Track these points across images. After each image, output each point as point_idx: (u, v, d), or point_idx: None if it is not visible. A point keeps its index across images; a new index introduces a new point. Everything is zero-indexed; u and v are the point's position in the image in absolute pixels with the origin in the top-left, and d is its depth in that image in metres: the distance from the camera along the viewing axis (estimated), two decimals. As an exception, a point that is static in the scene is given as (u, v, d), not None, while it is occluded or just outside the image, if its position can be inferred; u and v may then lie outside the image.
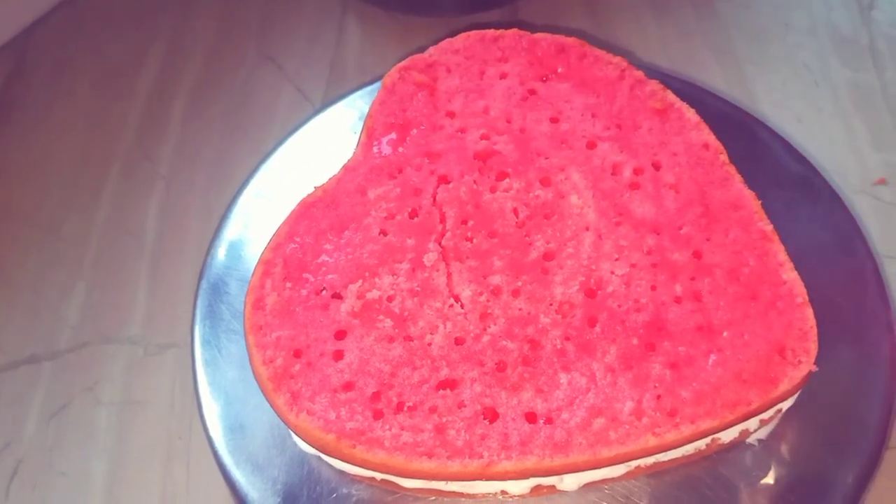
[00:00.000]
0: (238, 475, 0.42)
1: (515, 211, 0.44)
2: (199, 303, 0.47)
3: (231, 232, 0.49)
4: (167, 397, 0.53)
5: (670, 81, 0.50)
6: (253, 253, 0.48)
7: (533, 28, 0.52)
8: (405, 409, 0.39)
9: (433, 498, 0.41)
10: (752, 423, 0.40)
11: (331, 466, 0.41)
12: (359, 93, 0.56)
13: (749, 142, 0.51)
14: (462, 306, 0.41)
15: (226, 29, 0.76)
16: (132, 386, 0.54)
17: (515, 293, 0.41)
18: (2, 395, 0.54)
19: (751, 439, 0.41)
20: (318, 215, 0.44)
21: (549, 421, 0.38)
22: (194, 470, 0.50)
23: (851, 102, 0.69)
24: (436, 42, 0.52)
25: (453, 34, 0.52)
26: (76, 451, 0.52)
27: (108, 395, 0.54)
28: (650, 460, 0.39)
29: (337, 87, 0.70)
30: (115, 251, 0.61)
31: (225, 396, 0.44)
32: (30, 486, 0.51)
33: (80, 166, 0.66)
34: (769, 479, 0.41)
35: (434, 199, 0.44)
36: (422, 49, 0.51)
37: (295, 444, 0.42)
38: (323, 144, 0.53)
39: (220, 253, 0.49)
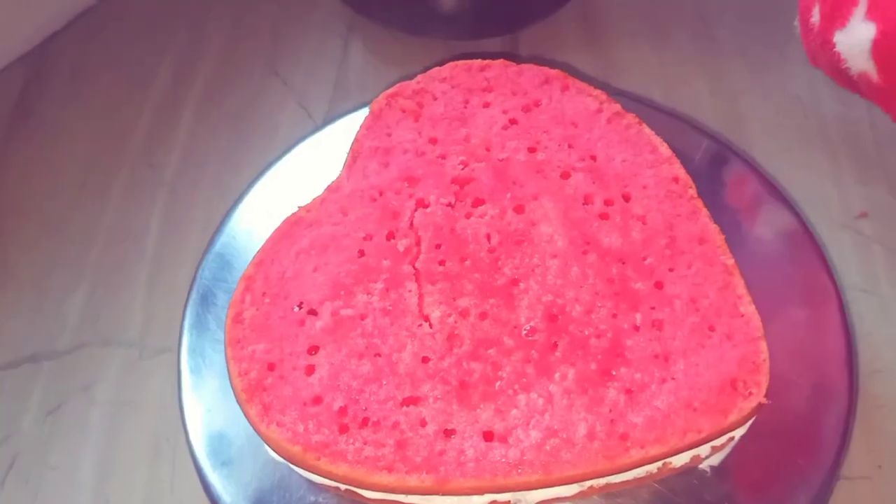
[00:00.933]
0: (213, 478, 0.44)
1: (488, 236, 0.46)
2: (189, 312, 0.50)
3: (222, 245, 0.52)
4: (157, 401, 0.55)
5: (650, 111, 0.52)
6: (241, 266, 0.50)
7: (522, 59, 0.54)
8: (369, 424, 0.41)
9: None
10: (703, 450, 0.42)
11: (301, 475, 0.43)
12: (356, 114, 0.58)
13: (723, 172, 0.53)
14: (431, 326, 0.43)
15: (235, 44, 0.78)
16: (125, 388, 0.56)
17: (482, 316, 0.43)
18: (2, 392, 0.57)
19: (703, 465, 0.43)
20: (300, 234, 0.47)
21: (503, 440, 0.40)
22: (179, 471, 0.52)
23: (839, 136, 0.70)
24: (428, 68, 0.54)
25: (448, 60, 0.54)
26: (69, 448, 0.54)
27: (103, 396, 0.56)
28: (602, 481, 0.41)
29: (340, 104, 0.72)
30: (117, 255, 0.63)
31: (206, 404, 0.46)
32: (24, 479, 0.53)
33: (89, 171, 0.69)
34: (721, 504, 0.42)
35: (411, 223, 0.47)
36: (411, 76, 0.53)
37: (268, 453, 0.44)
38: (316, 164, 0.55)
39: (211, 265, 0.51)
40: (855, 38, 0.54)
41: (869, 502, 0.49)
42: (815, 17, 0.58)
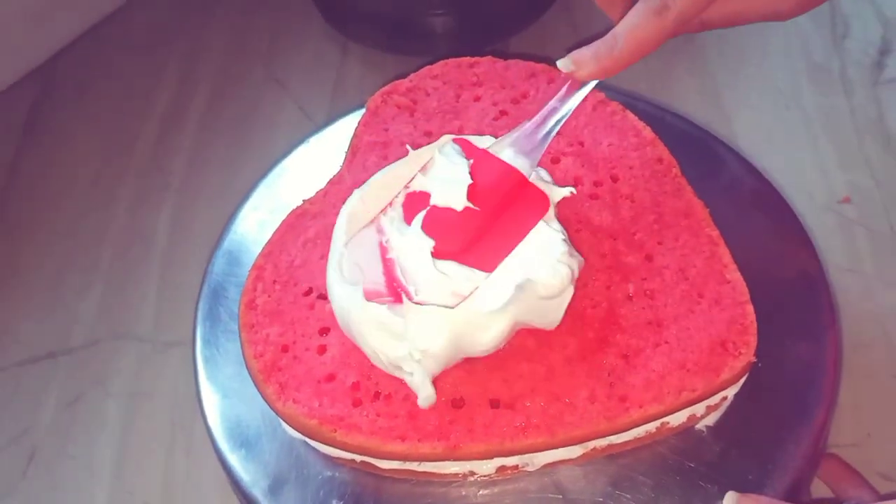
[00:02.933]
0: (233, 460, 0.46)
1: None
2: (201, 305, 0.52)
3: (230, 242, 0.54)
4: (171, 391, 0.57)
5: (634, 102, 0.55)
6: (250, 261, 0.52)
7: (509, 56, 0.57)
8: (381, 397, 0.43)
9: (410, 479, 0.45)
10: (699, 409, 0.44)
11: (317, 451, 0.45)
12: (353, 115, 0.60)
13: (705, 156, 0.55)
14: (437, 304, 0.45)
15: (235, 53, 0.81)
16: (140, 380, 0.59)
17: (483, 294, 0.45)
18: (21, 387, 0.59)
19: (700, 425, 0.45)
20: (305, 225, 0.49)
21: (510, 406, 0.42)
22: (194, 458, 0.54)
23: (820, 125, 0.73)
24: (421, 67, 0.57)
25: (438, 60, 0.57)
26: (87, 439, 0.57)
27: (118, 388, 0.58)
28: (604, 442, 0.43)
29: (339, 108, 0.75)
30: (127, 255, 0.66)
31: (222, 390, 0.48)
32: (44, 469, 0.55)
33: (98, 177, 0.72)
34: (718, 462, 0.44)
35: (410, 210, 0.49)
36: (405, 75, 0.56)
37: (284, 432, 0.46)
38: (315, 163, 0.57)
39: (221, 261, 0.53)
40: None
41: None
42: None
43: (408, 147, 0.48)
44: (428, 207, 0.43)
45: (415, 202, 0.44)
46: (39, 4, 0.78)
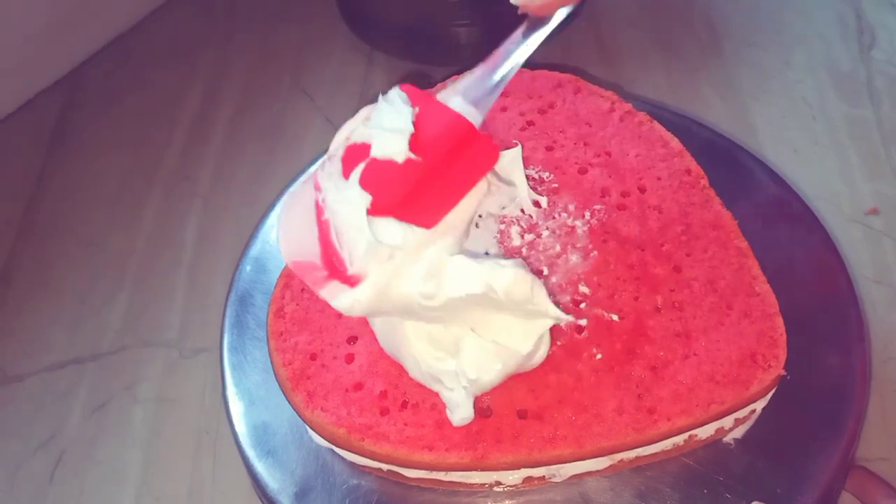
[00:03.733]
0: (260, 467, 0.46)
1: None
2: (228, 313, 0.52)
3: (256, 250, 0.54)
4: (198, 397, 0.58)
5: (661, 113, 0.55)
6: (277, 269, 0.52)
7: (535, 66, 0.57)
8: (409, 406, 0.43)
9: (436, 489, 0.45)
10: (727, 422, 0.44)
11: (343, 459, 0.45)
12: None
13: (733, 167, 0.55)
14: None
15: (262, 63, 0.82)
16: (166, 386, 0.59)
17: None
18: (49, 392, 0.60)
19: (728, 438, 0.45)
20: (334, 234, 0.49)
21: (537, 417, 0.42)
22: (220, 463, 0.55)
23: (847, 135, 0.73)
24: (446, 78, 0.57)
25: (464, 70, 0.57)
26: (114, 443, 0.57)
27: (145, 394, 0.59)
28: (632, 454, 0.43)
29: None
30: (155, 263, 0.67)
31: (249, 397, 0.48)
32: (71, 473, 0.56)
33: (126, 187, 0.72)
34: (746, 475, 0.44)
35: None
36: (431, 86, 0.56)
37: (311, 440, 0.46)
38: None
39: (247, 269, 0.54)
40: None
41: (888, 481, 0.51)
42: None
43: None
44: (367, 160, 0.39)
45: (355, 155, 0.40)
46: (66, 14, 0.79)
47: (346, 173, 0.39)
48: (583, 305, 0.45)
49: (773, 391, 0.44)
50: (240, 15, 0.87)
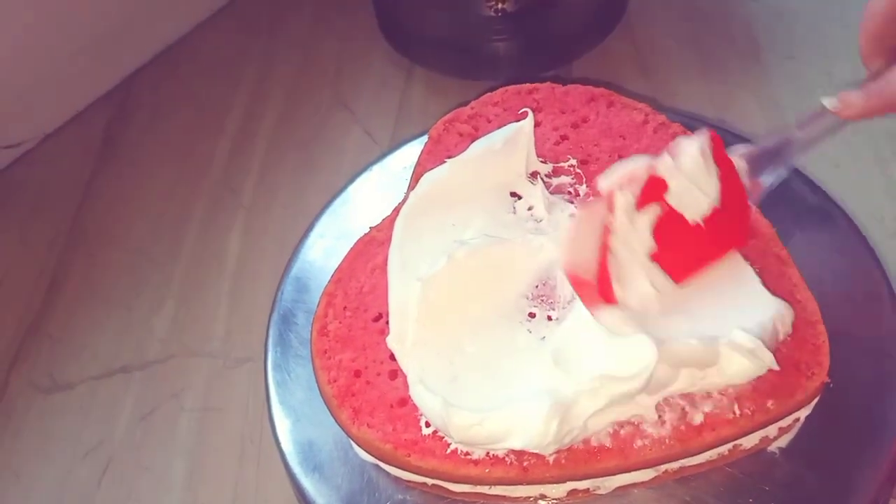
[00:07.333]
0: (306, 483, 0.47)
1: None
2: (271, 332, 0.53)
3: (298, 269, 0.55)
4: (242, 406, 0.59)
5: (696, 124, 0.55)
6: (318, 287, 0.53)
7: (568, 81, 0.57)
8: (453, 421, 0.43)
9: (480, 502, 0.45)
10: (771, 431, 0.43)
11: (388, 474, 0.46)
12: (415, 143, 0.61)
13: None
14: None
15: (304, 76, 0.84)
16: (212, 394, 0.61)
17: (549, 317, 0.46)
18: (97, 400, 0.61)
19: (772, 447, 0.45)
20: (373, 252, 0.50)
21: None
22: (263, 470, 0.56)
23: (889, 150, 0.72)
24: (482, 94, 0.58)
25: (499, 86, 0.57)
26: (160, 451, 0.58)
27: (191, 402, 0.60)
28: (676, 465, 0.43)
29: (403, 131, 0.76)
30: (200, 273, 0.68)
31: (294, 414, 0.49)
32: (119, 480, 0.58)
33: (171, 197, 0.74)
34: (791, 484, 0.44)
35: (474, 234, 0.49)
36: (466, 103, 0.57)
37: (356, 456, 0.47)
38: (378, 190, 0.58)
39: (289, 287, 0.54)
40: None
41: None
42: None
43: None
44: (664, 207, 0.42)
45: (653, 188, 0.43)
46: (115, 28, 0.81)
47: (641, 204, 0.42)
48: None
49: (816, 399, 0.44)
50: (282, 29, 0.89)
